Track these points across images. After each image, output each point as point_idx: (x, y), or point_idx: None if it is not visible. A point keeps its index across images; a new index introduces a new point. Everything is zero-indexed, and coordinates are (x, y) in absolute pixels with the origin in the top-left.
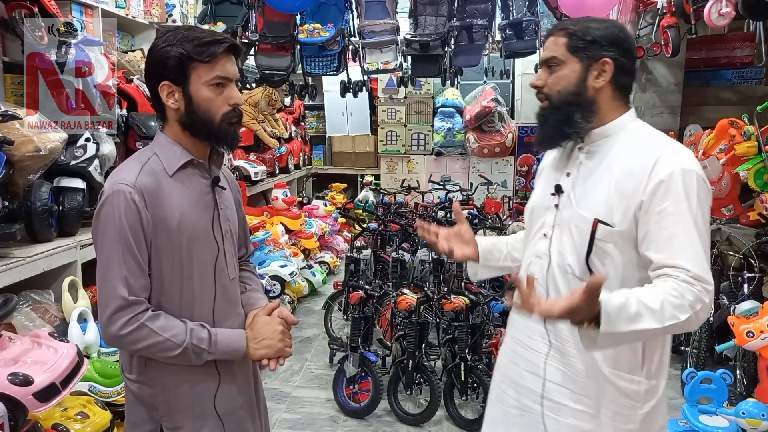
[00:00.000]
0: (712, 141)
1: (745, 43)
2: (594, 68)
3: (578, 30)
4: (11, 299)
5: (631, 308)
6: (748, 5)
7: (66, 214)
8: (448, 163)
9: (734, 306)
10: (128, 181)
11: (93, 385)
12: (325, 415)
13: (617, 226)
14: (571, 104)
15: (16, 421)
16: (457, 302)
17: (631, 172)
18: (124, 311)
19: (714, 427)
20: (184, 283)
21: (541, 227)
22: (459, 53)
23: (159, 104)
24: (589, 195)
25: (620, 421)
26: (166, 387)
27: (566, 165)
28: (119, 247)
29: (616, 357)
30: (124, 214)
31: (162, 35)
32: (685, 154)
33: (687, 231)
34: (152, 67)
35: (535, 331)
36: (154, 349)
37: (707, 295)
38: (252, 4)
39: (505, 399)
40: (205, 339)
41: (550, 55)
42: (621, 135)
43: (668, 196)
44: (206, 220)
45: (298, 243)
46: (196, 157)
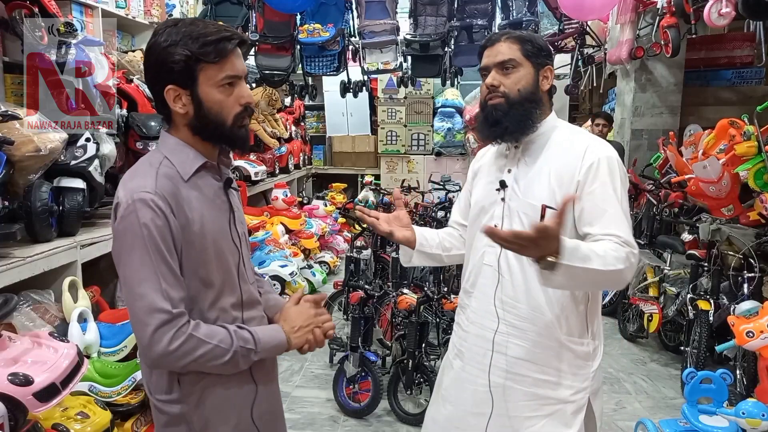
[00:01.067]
0: (712, 141)
1: (745, 43)
2: (542, 73)
3: (528, 37)
4: (11, 299)
5: (582, 249)
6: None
7: (66, 214)
8: (448, 163)
9: (734, 306)
10: (148, 188)
11: (93, 385)
12: (325, 415)
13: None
14: (530, 101)
15: (16, 421)
16: (457, 302)
17: (567, 162)
18: (169, 325)
19: (714, 427)
20: (214, 290)
21: (490, 219)
22: (459, 53)
23: (164, 108)
24: (532, 185)
25: (578, 381)
26: (202, 401)
27: (505, 163)
28: (152, 259)
29: (568, 325)
30: (151, 224)
31: (162, 31)
32: (605, 144)
33: (614, 206)
34: (155, 70)
35: (486, 310)
36: (204, 359)
37: (634, 257)
38: (252, 4)
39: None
40: (249, 339)
41: (507, 57)
42: (552, 132)
43: (597, 178)
44: (224, 224)
45: (298, 243)
46: (209, 160)
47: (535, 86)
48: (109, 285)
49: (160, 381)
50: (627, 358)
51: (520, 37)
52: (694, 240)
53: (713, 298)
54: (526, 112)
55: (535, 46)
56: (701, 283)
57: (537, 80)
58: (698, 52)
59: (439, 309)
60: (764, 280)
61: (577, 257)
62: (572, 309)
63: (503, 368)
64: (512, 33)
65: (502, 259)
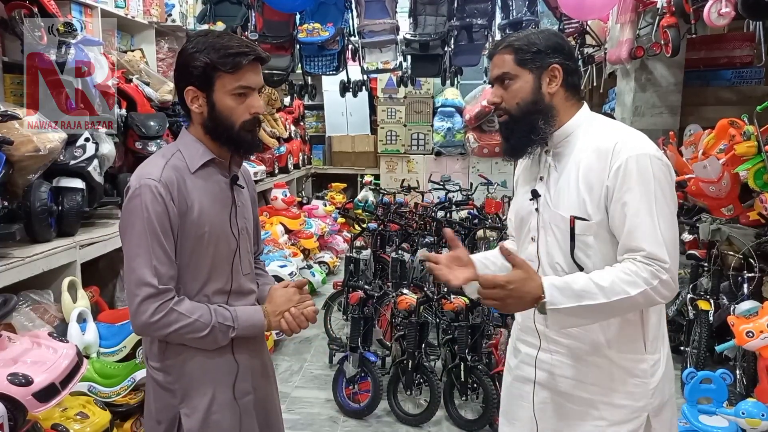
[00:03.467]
0: (712, 141)
1: (744, 43)
2: (545, 76)
3: (521, 44)
4: (11, 299)
5: (577, 285)
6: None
7: (65, 214)
8: (447, 163)
9: (734, 306)
10: (154, 176)
11: (92, 385)
12: (324, 416)
13: (593, 219)
14: (532, 113)
15: (15, 421)
16: (456, 302)
17: (593, 165)
18: (153, 299)
19: (714, 427)
20: (202, 275)
21: (528, 232)
22: (459, 53)
23: (185, 106)
24: (562, 194)
25: (633, 399)
26: (183, 373)
27: (538, 170)
28: (148, 238)
29: (618, 341)
30: (151, 207)
31: (192, 39)
32: (638, 138)
33: (644, 213)
34: (180, 71)
35: (529, 327)
36: (184, 331)
37: (664, 273)
38: (251, 4)
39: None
40: (228, 317)
41: (501, 71)
42: (579, 132)
43: (626, 182)
44: (224, 217)
45: (297, 243)
46: (218, 156)
47: (536, 94)
48: (108, 285)
49: (153, 349)
50: None
51: (513, 46)
52: (694, 240)
53: (713, 298)
54: (529, 126)
55: (529, 50)
56: (701, 283)
57: (538, 86)
58: (698, 52)
59: (438, 309)
60: (764, 280)
61: (569, 296)
62: (624, 323)
63: (550, 387)
64: (507, 41)
65: (540, 273)
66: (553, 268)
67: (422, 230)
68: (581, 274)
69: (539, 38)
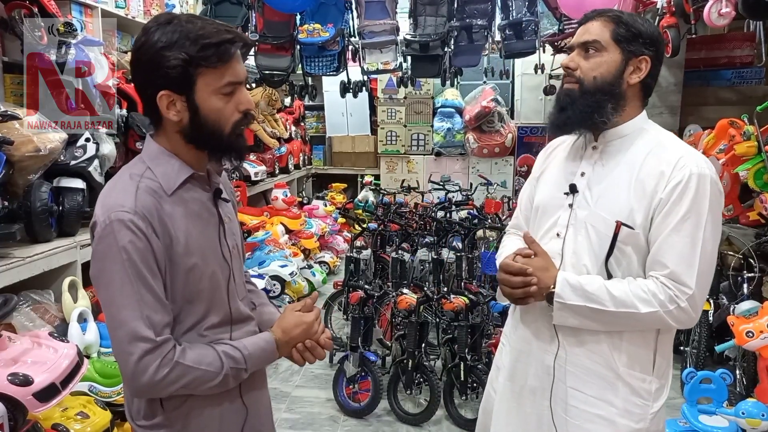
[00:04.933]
0: (712, 141)
1: (744, 43)
2: (632, 63)
3: (625, 19)
4: (11, 299)
5: (590, 287)
6: (748, 5)
7: (66, 214)
8: (447, 163)
9: (734, 306)
10: (127, 207)
11: (93, 385)
12: (325, 415)
13: (638, 228)
14: (605, 92)
15: (15, 421)
16: (456, 302)
17: (653, 173)
18: (153, 355)
19: (714, 427)
20: (199, 310)
21: (553, 226)
22: (459, 53)
23: (154, 112)
24: (607, 195)
25: (632, 420)
26: (187, 427)
27: (579, 164)
28: (133, 285)
29: (629, 356)
30: (130, 246)
31: (153, 29)
32: (701, 159)
33: (686, 234)
34: (146, 73)
35: (544, 331)
36: (194, 385)
37: (683, 300)
38: (252, 4)
39: (519, 399)
40: (239, 358)
41: (592, 38)
42: (638, 136)
43: (681, 198)
44: (213, 239)
45: (298, 243)
46: (196, 170)
47: (617, 76)
48: None
49: (141, 406)
50: None
51: (616, 18)
52: None
53: (713, 298)
54: (595, 104)
55: (630, 30)
56: None
57: (622, 70)
58: (698, 52)
59: (438, 309)
60: (764, 280)
61: (579, 294)
62: (637, 340)
63: (561, 398)
64: (612, 12)
65: (561, 270)
66: (578, 269)
67: (422, 230)
68: (597, 278)
69: (643, 24)
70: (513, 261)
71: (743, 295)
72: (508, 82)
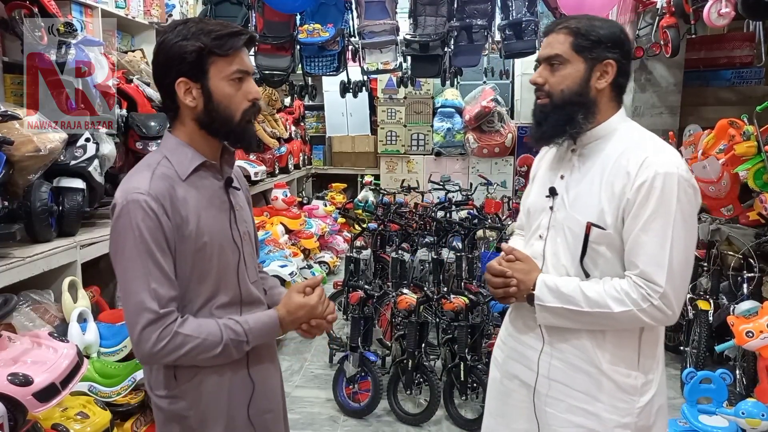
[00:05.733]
0: (712, 141)
1: (744, 43)
2: (597, 69)
3: (583, 28)
4: (11, 299)
5: (565, 289)
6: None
7: (66, 214)
8: (447, 163)
9: (734, 306)
10: (142, 189)
11: (93, 385)
12: (324, 415)
13: (610, 228)
14: (574, 104)
15: (15, 421)
16: (456, 302)
17: (620, 174)
18: (155, 324)
19: (714, 427)
20: (209, 289)
21: (537, 228)
22: (459, 53)
23: (172, 103)
24: (582, 197)
25: (618, 414)
26: (199, 398)
27: (560, 167)
28: (143, 259)
29: (613, 353)
30: (143, 224)
31: (171, 30)
32: (670, 156)
33: (654, 234)
34: (166, 64)
35: (531, 328)
36: (195, 353)
37: (656, 297)
38: (252, 5)
39: (508, 393)
40: (240, 331)
41: (554, 52)
42: (612, 136)
43: (648, 198)
44: (224, 224)
45: (298, 243)
46: (209, 159)
47: (584, 86)
48: (108, 285)
49: (158, 377)
50: None
51: (573, 29)
52: None
53: (713, 298)
54: (567, 116)
55: (589, 38)
56: (701, 283)
57: (588, 78)
58: (698, 52)
59: (438, 309)
60: (764, 280)
61: (556, 296)
62: (620, 337)
63: (544, 392)
64: (568, 23)
65: (543, 270)
66: (558, 269)
67: (422, 230)
68: (574, 280)
69: (602, 27)
70: (497, 263)
71: (743, 295)
72: (508, 82)
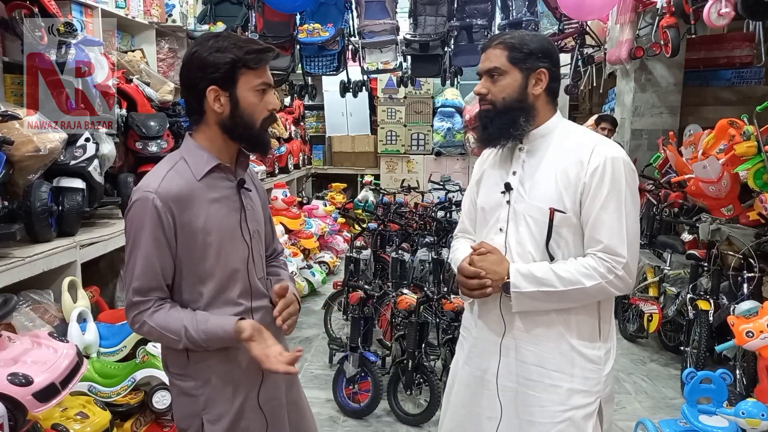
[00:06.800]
0: (712, 141)
1: (744, 43)
2: (532, 77)
3: (516, 43)
4: (11, 299)
5: (538, 272)
6: (747, 5)
7: (66, 214)
8: (447, 163)
9: (734, 306)
10: (151, 188)
11: (93, 385)
12: (324, 415)
13: (569, 212)
14: (514, 109)
15: (15, 421)
16: (457, 302)
17: (572, 163)
18: (132, 308)
19: (714, 427)
20: (218, 282)
21: (496, 222)
22: (459, 53)
23: (199, 107)
24: (538, 187)
25: (590, 385)
26: (208, 380)
27: (510, 165)
28: (139, 249)
29: (579, 328)
30: (145, 219)
31: (204, 42)
32: (611, 144)
33: (612, 211)
34: (198, 72)
35: (494, 314)
36: (164, 341)
37: (620, 269)
38: (252, 4)
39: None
40: (195, 338)
41: (493, 65)
42: (555, 133)
43: (602, 181)
44: (234, 222)
45: (297, 243)
46: (223, 162)
47: (522, 92)
48: (108, 285)
49: (171, 356)
50: (627, 358)
51: (508, 44)
52: (694, 240)
53: (713, 298)
54: (510, 120)
55: (522, 51)
56: (701, 283)
57: (525, 86)
58: (698, 52)
59: (439, 309)
60: (764, 280)
61: (531, 281)
62: (582, 312)
63: (514, 372)
64: (503, 38)
65: (509, 260)
66: (524, 257)
67: (422, 230)
68: (544, 263)
69: (532, 41)
70: (468, 264)
71: (743, 295)
72: None
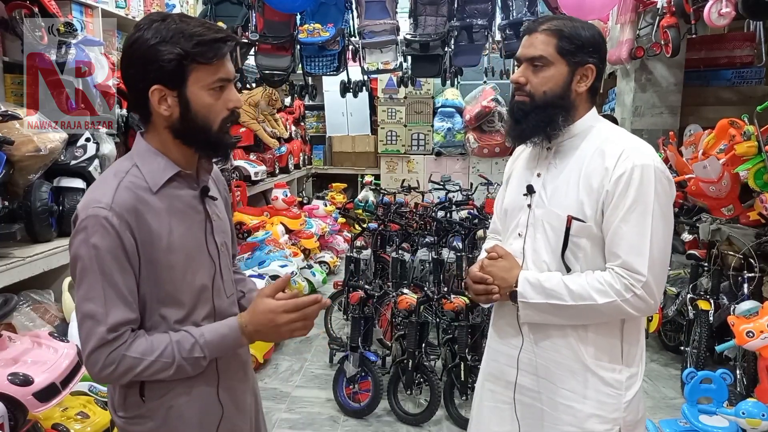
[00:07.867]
0: (712, 141)
1: (745, 43)
2: (578, 73)
3: (568, 32)
4: (11, 299)
5: (548, 284)
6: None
7: (66, 214)
8: (448, 163)
9: (734, 306)
10: (104, 203)
11: (93, 385)
12: (325, 415)
13: (589, 221)
14: (554, 106)
15: (16, 421)
16: (457, 302)
17: (597, 168)
18: (102, 349)
19: (714, 427)
20: (184, 305)
21: (516, 227)
22: (459, 53)
23: (143, 108)
24: (560, 193)
25: (606, 410)
26: (168, 417)
27: (536, 166)
28: (97, 279)
29: (596, 347)
30: (100, 242)
31: (147, 26)
32: (644, 150)
33: (635, 224)
34: (139, 68)
35: (512, 326)
36: (148, 373)
37: (639, 287)
38: (252, 4)
39: (490, 396)
40: (193, 348)
41: (538, 53)
42: (587, 134)
43: (626, 190)
44: (199, 237)
45: (298, 243)
46: (183, 168)
47: (566, 88)
48: None
49: (121, 397)
50: None
51: (558, 31)
52: (694, 240)
53: (713, 298)
54: (548, 117)
55: (574, 42)
56: (701, 283)
57: (570, 81)
58: (698, 52)
59: (439, 309)
60: (764, 280)
61: (539, 292)
62: (602, 330)
63: (530, 388)
64: (553, 24)
65: (524, 268)
66: (539, 266)
67: (422, 230)
68: (556, 274)
69: (585, 31)
70: (477, 269)
71: (743, 295)
72: (508, 81)
